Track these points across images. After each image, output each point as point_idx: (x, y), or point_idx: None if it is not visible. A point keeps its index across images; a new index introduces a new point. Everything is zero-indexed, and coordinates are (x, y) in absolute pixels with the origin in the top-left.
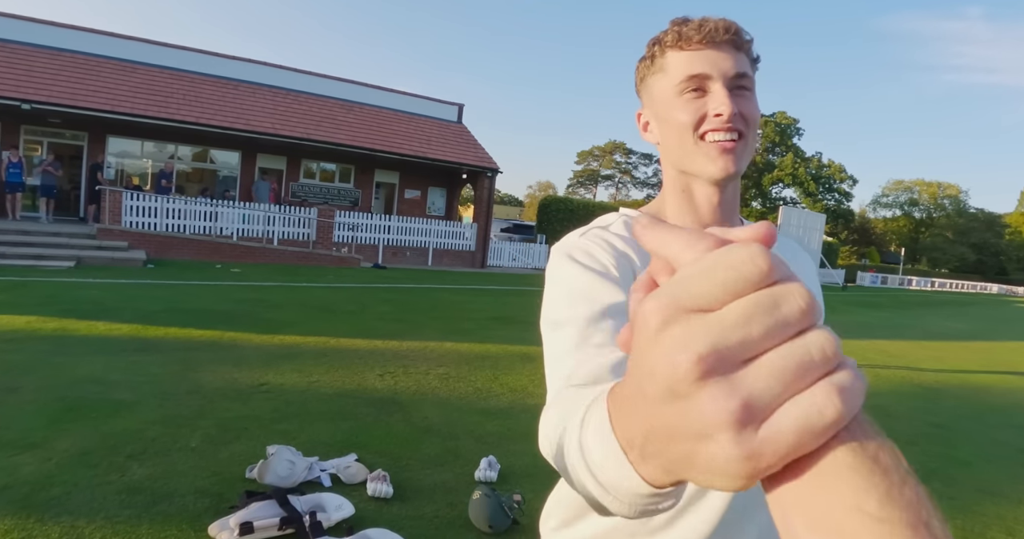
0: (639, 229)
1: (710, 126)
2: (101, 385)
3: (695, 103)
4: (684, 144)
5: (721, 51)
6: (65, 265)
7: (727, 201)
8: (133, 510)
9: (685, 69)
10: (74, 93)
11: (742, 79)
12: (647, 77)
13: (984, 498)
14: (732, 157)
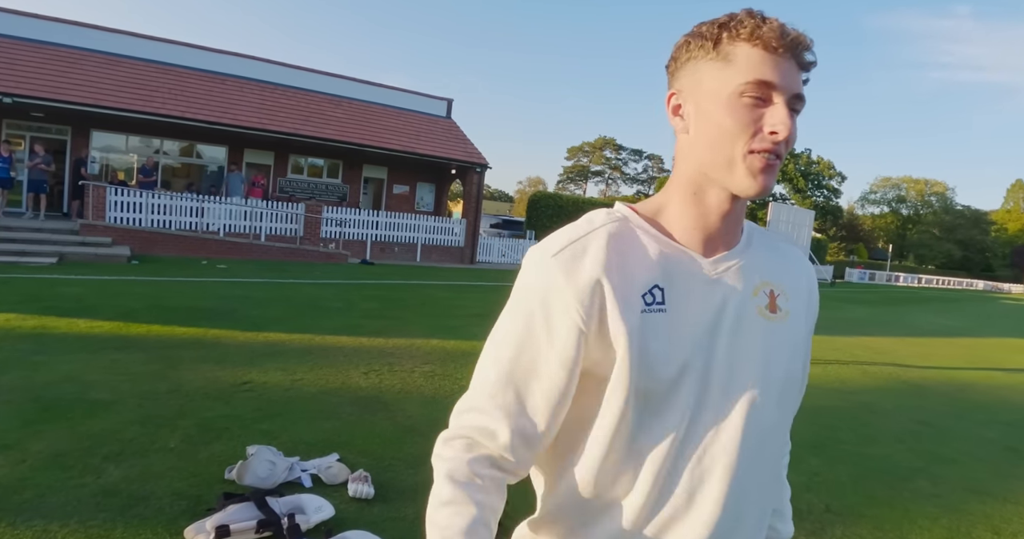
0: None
1: (760, 144)
2: (79, 384)
3: (754, 112)
4: (725, 150)
5: (793, 64)
6: (47, 261)
7: (736, 213)
8: (108, 513)
9: (758, 71)
10: (57, 87)
11: (800, 101)
12: (699, 60)
13: (970, 496)
14: (771, 178)
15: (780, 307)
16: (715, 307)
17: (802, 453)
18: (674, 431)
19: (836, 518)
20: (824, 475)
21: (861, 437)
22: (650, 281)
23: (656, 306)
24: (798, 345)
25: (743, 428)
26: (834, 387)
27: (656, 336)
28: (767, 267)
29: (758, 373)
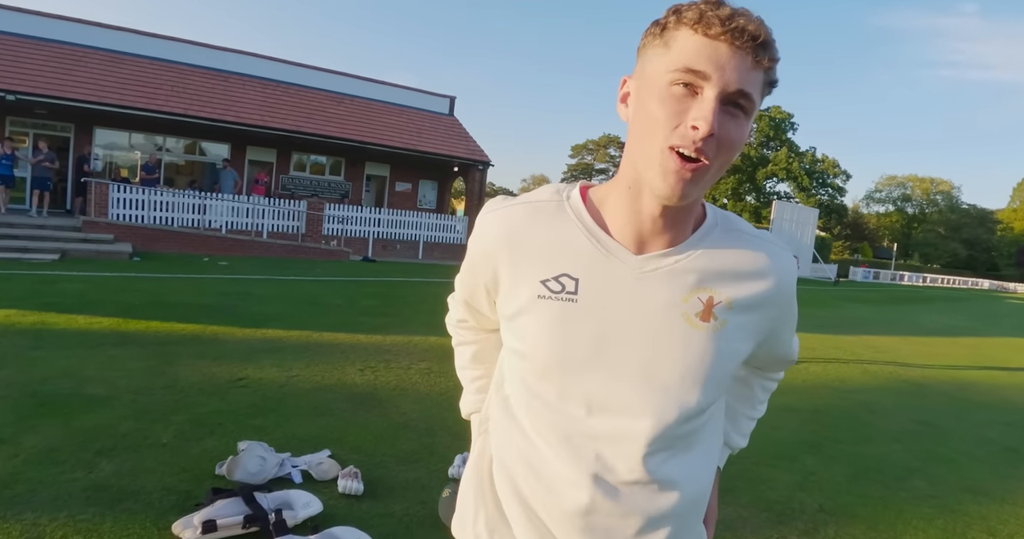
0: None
1: (678, 139)
2: (75, 380)
3: (681, 103)
4: (647, 142)
5: (738, 57)
6: (49, 258)
7: (675, 213)
8: (98, 508)
9: (689, 58)
10: (60, 84)
11: (743, 98)
12: (649, 46)
13: (967, 497)
14: (687, 184)
15: (716, 316)
16: (635, 306)
17: (797, 452)
18: (573, 412)
19: (829, 518)
20: (819, 474)
21: (858, 436)
22: (559, 269)
23: (564, 295)
24: (731, 352)
25: (650, 425)
26: (834, 386)
27: (555, 324)
28: (713, 272)
29: (676, 379)
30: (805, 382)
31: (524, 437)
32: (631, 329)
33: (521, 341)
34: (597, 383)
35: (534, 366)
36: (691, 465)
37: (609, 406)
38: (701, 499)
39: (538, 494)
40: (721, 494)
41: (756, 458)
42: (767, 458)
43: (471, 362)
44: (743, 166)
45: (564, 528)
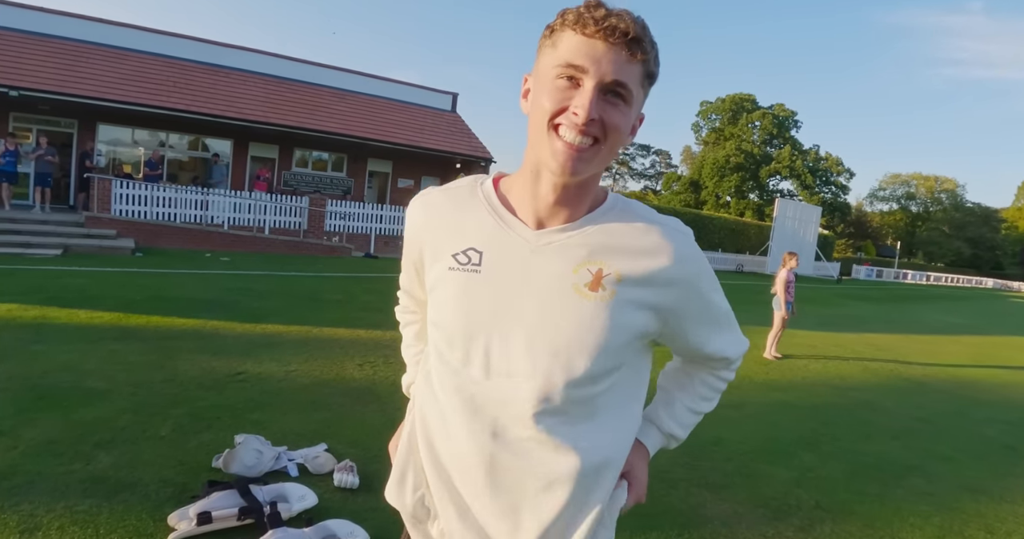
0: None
1: (564, 122)
2: (75, 373)
3: (563, 93)
4: (539, 130)
5: (612, 51)
6: (52, 253)
7: (569, 192)
8: (94, 499)
9: (569, 54)
10: (63, 80)
11: (619, 87)
12: (542, 46)
13: (965, 495)
14: (575, 161)
15: (605, 287)
16: (529, 276)
17: (795, 449)
18: (474, 375)
19: (826, 515)
20: (816, 471)
21: (857, 434)
22: (467, 244)
23: (470, 267)
24: (619, 322)
25: (538, 388)
26: (834, 384)
27: (460, 293)
28: (604, 247)
29: (563, 344)
30: (805, 379)
31: (436, 401)
32: (525, 297)
33: (436, 310)
34: (494, 347)
35: (444, 333)
36: (592, 434)
37: (503, 369)
38: (605, 468)
39: (450, 454)
40: (717, 490)
41: (753, 455)
42: (765, 455)
43: (414, 340)
44: (746, 164)
45: (471, 486)
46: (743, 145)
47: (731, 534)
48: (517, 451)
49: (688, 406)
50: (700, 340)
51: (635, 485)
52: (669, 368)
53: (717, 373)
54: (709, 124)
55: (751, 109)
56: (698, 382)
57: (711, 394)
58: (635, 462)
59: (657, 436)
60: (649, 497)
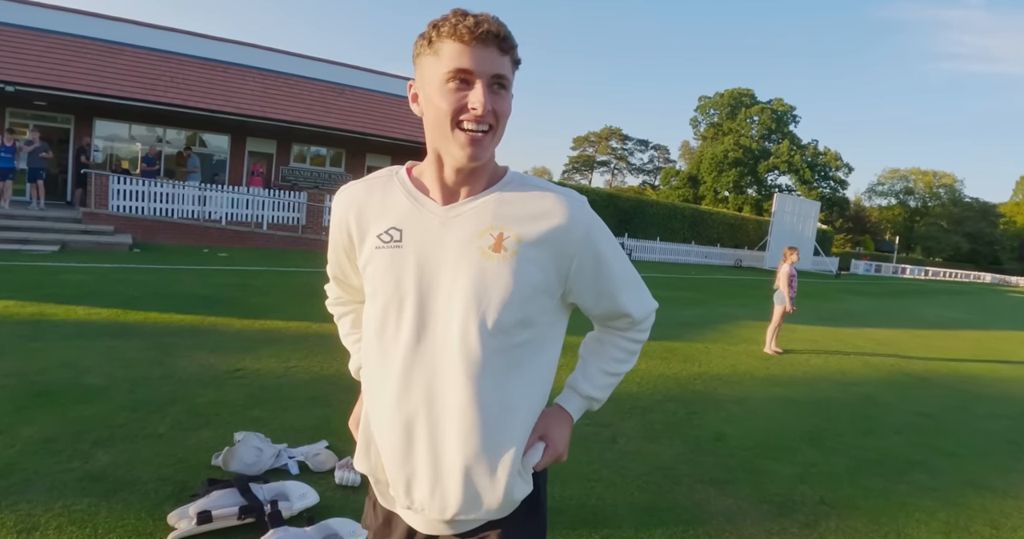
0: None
1: (465, 117)
2: (73, 370)
3: (457, 94)
4: (441, 128)
5: (488, 52)
6: (49, 249)
7: (468, 172)
8: (93, 498)
9: (455, 61)
10: (60, 75)
11: (501, 79)
12: (422, 55)
13: (969, 490)
14: (478, 148)
15: (506, 248)
16: (442, 245)
17: (798, 445)
18: (406, 337)
19: (831, 510)
20: (820, 467)
21: (860, 429)
22: (389, 224)
23: (393, 244)
24: (521, 278)
25: (458, 341)
26: (835, 378)
27: (388, 266)
28: (503, 214)
29: (473, 300)
30: (806, 374)
31: (376, 373)
32: (442, 264)
33: (370, 284)
34: (421, 309)
35: (378, 304)
36: (506, 387)
37: (430, 328)
38: (514, 417)
39: (388, 417)
40: (721, 486)
41: (756, 450)
42: (767, 450)
43: (352, 328)
44: (745, 159)
45: (401, 441)
46: (741, 140)
47: (736, 530)
48: (444, 405)
49: (602, 368)
50: (600, 297)
51: (551, 445)
52: (587, 337)
53: (626, 334)
54: (707, 119)
55: (749, 104)
56: (610, 345)
57: (624, 356)
58: (552, 424)
59: (577, 400)
60: (652, 493)
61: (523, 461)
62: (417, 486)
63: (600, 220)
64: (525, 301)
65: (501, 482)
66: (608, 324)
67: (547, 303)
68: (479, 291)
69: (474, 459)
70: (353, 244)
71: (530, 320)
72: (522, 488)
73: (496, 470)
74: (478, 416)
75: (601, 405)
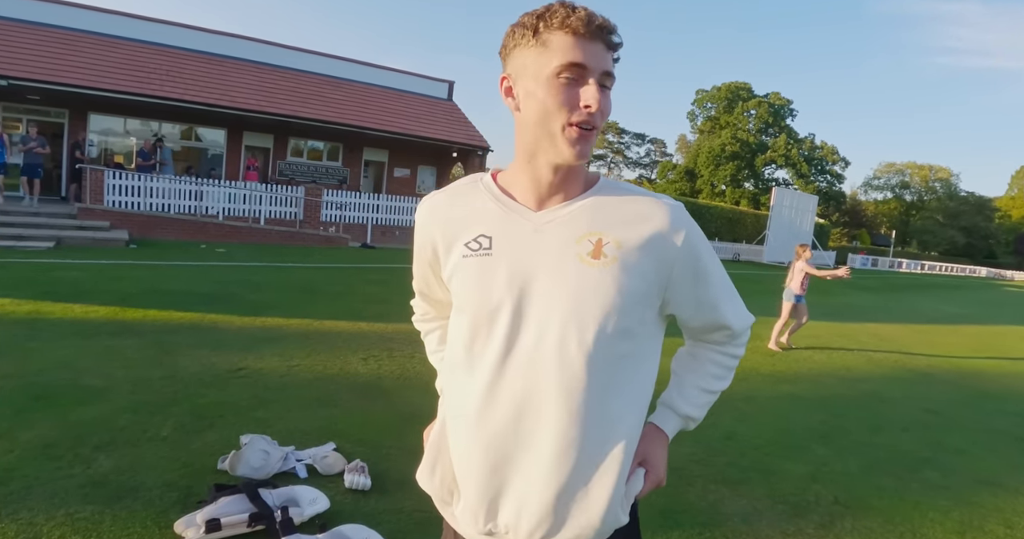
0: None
1: (578, 117)
2: (72, 371)
3: (569, 91)
4: (545, 124)
5: (599, 46)
6: (44, 246)
7: (565, 174)
8: (96, 505)
9: (569, 55)
10: (54, 69)
11: (609, 79)
12: (522, 46)
13: (981, 488)
14: (587, 145)
15: (606, 254)
16: (536, 252)
17: (808, 443)
18: (496, 349)
19: (845, 510)
20: (831, 465)
21: (868, 426)
22: (477, 232)
23: (482, 252)
24: (623, 286)
25: (555, 353)
26: (840, 375)
27: (477, 276)
28: (600, 219)
29: (571, 310)
30: (811, 371)
31: (463, 386)
32: (536, 272)
33: (457, 296)
34: (514, 321)
35: (467, 316)
36: (607, 403)
37: (521, 338)
38: (616, 437)
39: (472, 434)
40: (735, 486)
41: (768, 449)
42: (778, 449)
43: (439, 344)
44: (742, 153)
45: (487, 462)
46: (739, 134)
47: (752, 531)
48: (537, 422)
49: (700, 386)
50: (699, 307)
51: (652, 470)
52: (679, 353)
53: (723, 349)
54: (704, 113)
55: (747, 98)
56: (706, 361)
57: (721, 372)
58: (652, 448)
59: (674, 419)
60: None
61: (626, 489)
62: (503, 508)
63: (699, 227)
64: (626, 311)
65: (598, 507)
66: (704, 337)
67: (647, 314)
68: (578, 300)
69: (570, 480)
70: (438, 256)
71: (630, 331)
72: (619, 517)
73: (593, 493)
74: (576, 434)
75: (697, 425)
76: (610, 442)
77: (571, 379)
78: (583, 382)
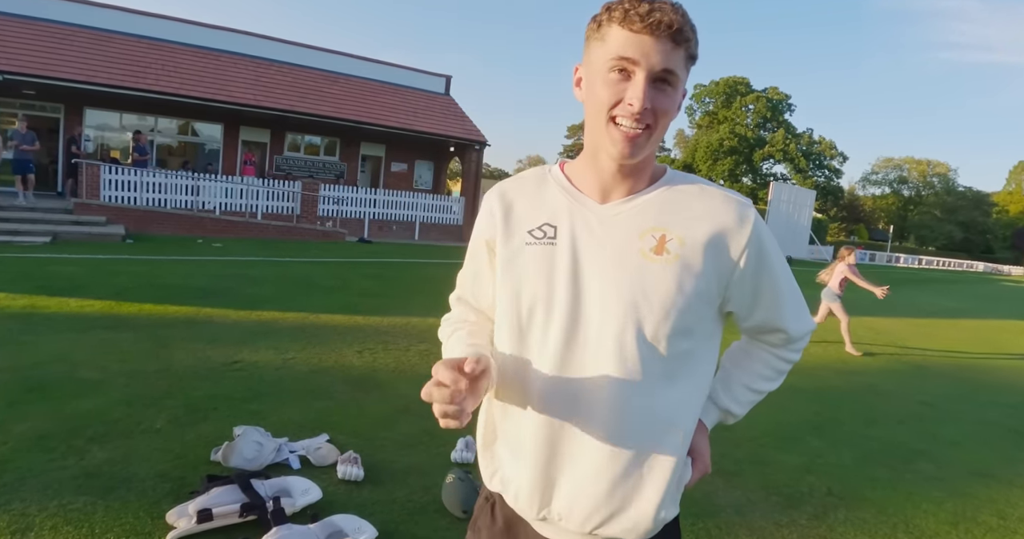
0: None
1: (620, 112)
2: (67, 364)
3: (618, 85)
4: (597, 119)
5: (658, 42)
6: (40, 241)
7: (628, 169)
8: (89, 496)
9: (620, 48)
10: (48, 63)
11: (667, 74)
12: (591, 39)
13: (975, 480)
14: (633, 146)
15: (669, 251)
16: (600, 244)
17: (803, 434)
18: (555, 339)
19: (839, 501)
20: (826, 457)
21: (863, 418)
22: (542, 220)
23: (546, 240)
24: (685, 284)
25: (613, 348)
26: (836, 367)
27: (538, 264)
28: (666, 215)
29: (631, 305)
30: (807, 363)
31: (517, 375)
32: (599, 265)
33: (514, 283)
34: (573, 312)
35: (525, 306)
36: (664, 398)
37: (580, 330)
38: (672, 432)
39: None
40: (729, 477)
41: (763, 440)
42: (774, 440)
43: (468, 335)
44: (740, 147)
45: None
46: (737, 128)
47: (745, 522)
48: (593, 414)
49: (745, 384)
50: (758, 307)
51: (699, 460)
52: (732, 347)
53: (777, 352)
54: (703, 107)
55: (745, 92)
56: (757, 361)
57: (771, 374)
58: (697, 438)
59: (715, 412)
60: None
61: (677, 480)
62: (557, 496)
63: (766, 226)
64: (686, 309)
65: (651, 501)
66: (760, 338)
67: (707, 312)
68: (638, 296)
69: (623, 473)
70: (496, 239)
71: (689, 329)
72: (671, 509)
73: (647, 487)
74: (630, 428)
75: (736, 422)
76: (665, 438)
77: (628, 374)
78: (639, 377)
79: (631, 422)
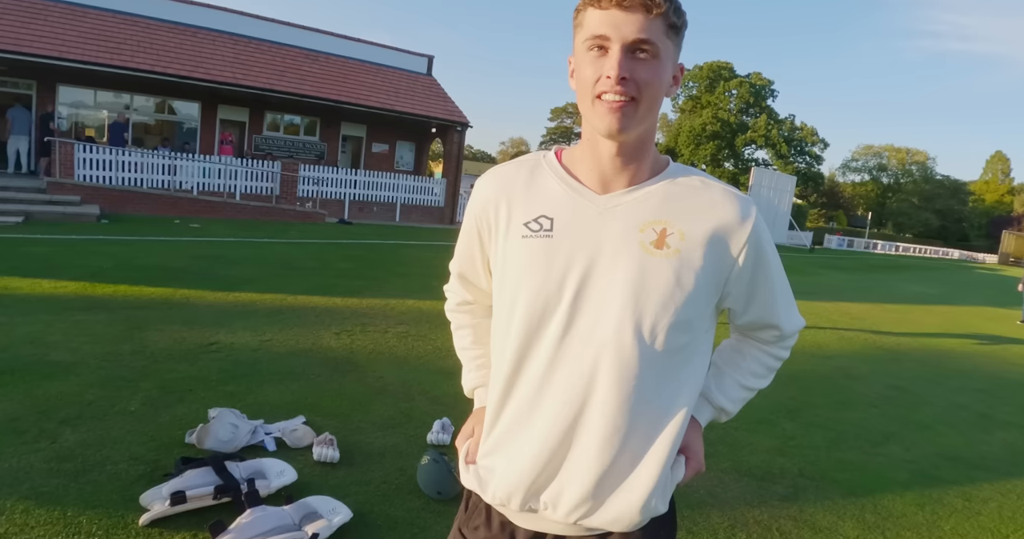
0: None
1: (602, 87)
2: (39, 346)
3: (597, 62)
4: (587, 100)
5: (629, 14)
6: (12, 221)
7: (627, 152)
8: (61, 480)
9: (592, 28)
10: (19, 38)
11: (643, 44)
12: (575, 28)
13: (942, 462)
14: (619, 116)
15: (669, 245)
16: (599, 237)
17: (776, 418)
18: (551, 334)
19: (809, 482)
20: (798, 439)
21: (836, 402)
22: (538, 212)
23: (542, 233)
24: (684, 279)
25: (611, 342)
26: (810, 352)
27: (534, 257)
28: (667, 207)
29: (630, 299)
30: None
31: (511, 370)
32: (597, 258)
33: (511, 277)
34: (571, 306)
35: (522, 301)
36: (659, 393)
37: (579, 328)
38: (663, 427)
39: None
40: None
41: (736, 423)
42: (747, 423)
43: (472, 344)
44: (722, 132)
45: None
46: (719, 113)
47: (717, 503)
48: (587, 408)
49: (738, 381)
50: (752, 303)
51: (692, 458)
52: (723, 346)
53: (768, 349)
54: (686, 92)
55: (728, 77)
56: (750, 358)
57: (763, 371)
58: (690, 436)
59: (708, 410)
60: None
61: (669, 477)
62: (545, 486)
63: (765, 224)
64: (685, 304)
65: (639, 495)
66: (751, 335)
67: (704, 308)
68: (637, 290)
69: (613, 466)
70: (491, 231)
71: (688, 324)
72: (658, 507)
73: (635, 481)
74: (623, 422)
75: (729, 419)
76: (657, 432)
77: (624, 368)
78: (636, 371)
79: (625, 415)
